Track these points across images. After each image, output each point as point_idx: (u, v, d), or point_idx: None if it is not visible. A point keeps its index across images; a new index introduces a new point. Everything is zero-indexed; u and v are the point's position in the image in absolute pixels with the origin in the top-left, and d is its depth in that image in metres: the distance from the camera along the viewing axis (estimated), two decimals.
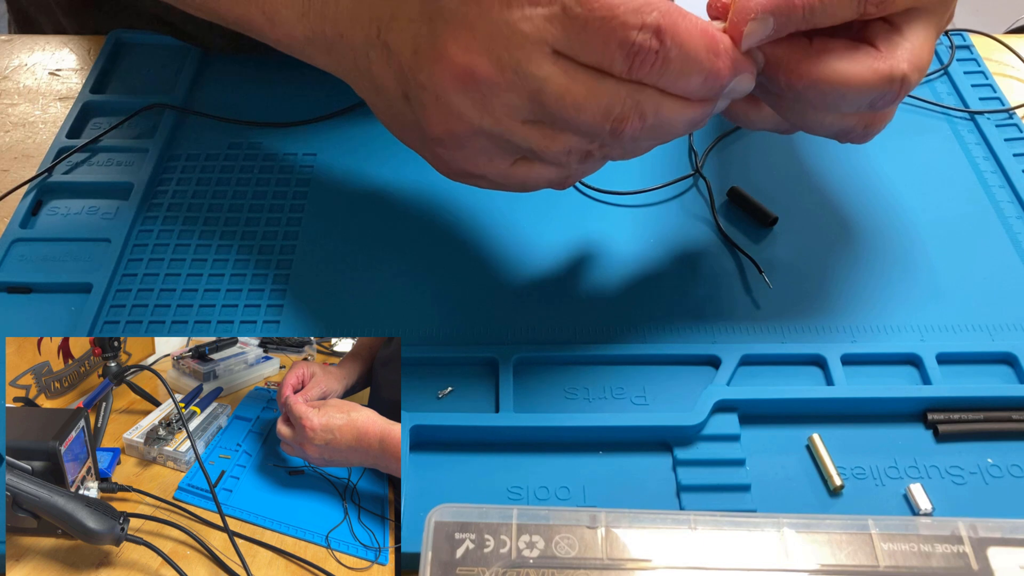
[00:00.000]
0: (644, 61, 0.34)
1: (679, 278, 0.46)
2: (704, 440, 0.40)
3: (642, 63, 0.34)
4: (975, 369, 0.43)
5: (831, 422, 0.41)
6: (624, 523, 0.33)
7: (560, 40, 0.34)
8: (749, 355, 0.42)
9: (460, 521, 0.33)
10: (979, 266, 0.47)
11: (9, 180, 0.52)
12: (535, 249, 0.47)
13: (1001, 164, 0.52)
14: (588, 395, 0.41)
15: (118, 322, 0.44)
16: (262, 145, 0.53)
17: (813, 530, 0.33)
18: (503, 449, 0.39)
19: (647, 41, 0.33)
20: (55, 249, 0.47)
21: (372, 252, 0.47)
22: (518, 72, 0.34)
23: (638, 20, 0.33)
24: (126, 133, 0.54)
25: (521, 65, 0.34)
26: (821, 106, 0.38)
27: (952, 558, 0.32)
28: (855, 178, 0.51)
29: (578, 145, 0.37)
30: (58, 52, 0.61)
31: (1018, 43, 0.60)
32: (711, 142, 0.53)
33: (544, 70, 0.34)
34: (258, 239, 0.48)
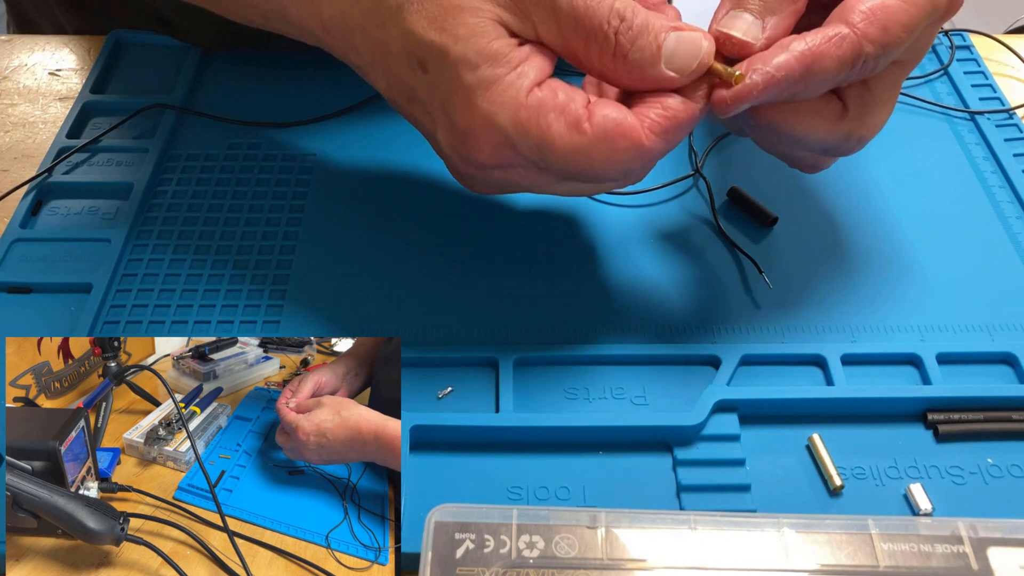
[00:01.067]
0: (635, 179, 0.38)
1: (679, 278, 0.46)
2: (704, 440, 0.40)
3: (635, 178, 0.38)
4: (975, 369, 0.43)
5: (831, 422, 0.41)
6: (624, 523, 0.33)
7: (557, 180, 0.38)
8: (749, 355, 0.42)
9: (460, 521, 0.33)
10: (979, 266, 0.47)
11: (9, 180, 0.52)
12: (535, 249, 0.47)
13: (1001, 164, 0.52)
14: (588, 395, 0.41)
15: (118, 322, 0.44)
16: (262, 145, 0.53)
17: (813, 530, 0.33)
18: (503, 449, 0.39)
19: (636, 174, 0.38)
20: (55, 249, 0.47)
21: (372, 252, 0.47)
22: (529, 189, 0.40)
23: (620, 172, 0.37)
24: (126, 133, 0.54)
25: (529, 188, 0.39)
26: (776, 141, 0.40)
27: (952, 558, 0.32)
28: (855, 178, 0.51)
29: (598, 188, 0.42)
30: (58, 52, 0.61)
31: (1018, 43, 0.60)
32: (711, 142, 0.53)
33: (549, 188, 0.39)
34: (258, 239, 0.48)
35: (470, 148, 0.36)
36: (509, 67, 0.35)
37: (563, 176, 0.37)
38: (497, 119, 0.35)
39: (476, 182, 0.40)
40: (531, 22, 0.36)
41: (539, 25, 0.35)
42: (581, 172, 0.36)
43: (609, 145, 0.35)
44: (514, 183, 0.39)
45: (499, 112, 0.35)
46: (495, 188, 0.40)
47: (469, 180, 0.40)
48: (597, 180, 0.37)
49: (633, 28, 0.35)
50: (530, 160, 0.36)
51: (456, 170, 0.40)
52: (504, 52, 0.35)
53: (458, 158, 0.38)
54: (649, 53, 0.35)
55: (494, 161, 0.37)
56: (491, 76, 0.35)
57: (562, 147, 0.35)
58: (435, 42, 0.35)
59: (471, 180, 0.40)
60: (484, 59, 0.35)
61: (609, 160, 0.36)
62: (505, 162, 0.37)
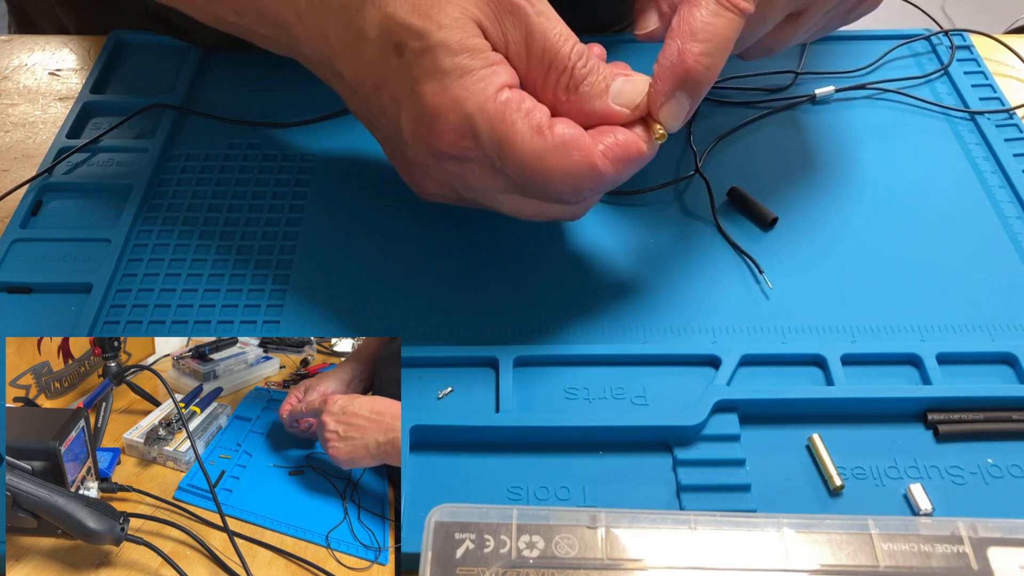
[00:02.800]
0: (583, 200, 0.40)
1: (679, 278, 0.46)
2: (704, 440, 0.40)
3: (583, 200, 0.40)
4: (975, 369, 0.43)
5: (831, 422, 0.41)
6: (624, 523, 0.33)
7: (508, 187, 0.39)
8: (749, 355, 0.42)
9: (460, 521, 0.33)
10: (979, 266, 0.47)
11: (9, 180, 0.52)
12: (535, 249, 0.47)
13: (1001, 164, 0.52)
14: (588, 395, 0.41)
15: (118, 322, 0.44)
16: (262, 145, 0.53)
17: (813, 530, 0.33)
18: (503, 449, 0.39)
19: (585, 193, 0.39)
20: (55, 249, 0.47)
21: (372, 252, 0.47)
22: (475, 201, 0.41)
23: (571, 187, 0.38)
24: (126, 133, 0.54)
25: (476, 198, 0.41)
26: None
27: (952, 558, 0.32)
28: (855, 178, 0.51)
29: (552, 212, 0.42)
30: (58, 52, 0.61)
31: (1018, 43, 0.60)
32: (711, 142, 0.53)
33: (496, 202, 0.41)
34: (258, 239, 0.48)
35: (433, 132, 0.37)
36: (485, 63, 0.37)
37: (514, 181, 0.38)
38: (466, 105, 0.36)
39: (428, 176, 0.41)
40: (504, 36, 0.38)
41: (510, 42, 0.38)
42: (533, 179, 0.37)
43: (565, 156, 0.37)
44: (465, 183, 0.40)
45: (469, 99, 0.36)
46: (445, 187, 0.41)
47: (421, 173, 0.41)
48: (545, 193, 0.39)
49: (587, 66, 0.38)
50: (487, 157, 0.37)
51: (412, 161, 0.40)
52: (481, 49, 0.37)
53: (418, 146, 0.39)
54: (598, 88, 0.38)
55: (453, 150, 0.38)
56: (467, 65, 0.37)
57: (521, 147, 0.37)
58: (416, 26, 0.37)
59: (423, 172, 0.41)
60: (463, 49, 0.37)
61: (563, 171, 0.37)
62: (463, 154, 0.38)
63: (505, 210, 0.41)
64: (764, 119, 0.55)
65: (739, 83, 0.57)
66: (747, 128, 0.54)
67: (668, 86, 0.38)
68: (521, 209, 0.41)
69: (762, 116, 0.55)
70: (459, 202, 0.42)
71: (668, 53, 0.38)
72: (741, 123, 0.54)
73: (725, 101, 0.56)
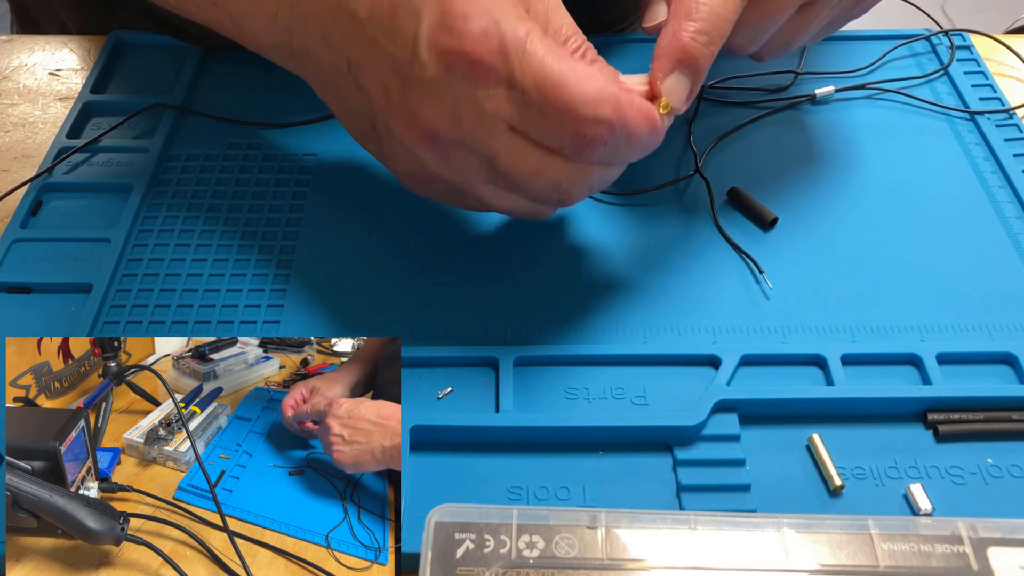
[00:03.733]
0: (593, 151, 0.37)
1: (679, 278, 0.46)
2: (704, 440, 0.40)
3: (591, 152, 0.37)
4: (975, 369, 0.43)
5: (831, 422, 0.41)
6: (624, 523, 0.33)
7: (517, 120, 0.37)
8: (749, 355, 0.42)
9: (460, 521, 0.33)
10: (979, 266, 0.47)
11: (9, 180, 0.52)
12: (535, 249, 0.47)
13: (1001, 164, 0.52)
14: (588, 395, 0.41)
15: (118, 322, 0.44)
16: (262, 145, 0.53)
17: (813, 530, 0.33)
18: (503, 449, 0.39)
19: (599, 134, 0.36)
20: (55, 249, 0.47)
21: (372, 252, 0.47)
22: (476, 140, 0.37)
23: (592, 114, 0.36)
24: (126, 133, 0.54)
25: (479, 135, 0.37)
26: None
27: (952, 558, 0.32)
28: (855, 178, 0.51)
29: (526, 208, 0.41)
30: (58, 52, 0.61)
31: (1018, 43, 0.60)
32: (711, 142, 0.53)
33: (499, 143, 0.37)
34: (258, 239, 0.48)
35: (458, 32, 0.35)
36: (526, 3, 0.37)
37: (527, 107, 0.36)
38: (496, 11, 0.35)
39: (428, 99, 0.37)
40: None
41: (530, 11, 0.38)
42: (552, 98, 0.35)
43: (593, 80, 0.36)
44: (471, 106, 0.37)
45: (501, 7, 0.36)
46: (443, 119, 0.37)
47: (426, 91, 0.37)
48: (552, 129, 0.36)
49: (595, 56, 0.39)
50: (508, 70, 0.35)
51: (415, 77, 0.37)
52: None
53: (435, 49, 0.36)
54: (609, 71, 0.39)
55: (475, 52, 0.35)
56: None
57: (550, 61, 0.35)
58: None
59: (432, 90, 0.37)
60: None
61: (584, 98, 0.35)
62: (484, 59, 0.35)
63: (487, 195, 0.40)
64: (764, 119, 0.55)
65: (739, 83, 0.57)
66: (747, 128, 0.54)
67: (667, 64, 0.38)
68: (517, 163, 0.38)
69: (762, 116, 0.55)
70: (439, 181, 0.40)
71: (666, 32, 0.38)
72: (741, 123, 0.54)
73: (725, 101, 0.56)
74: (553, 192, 0.39)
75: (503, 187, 0.39)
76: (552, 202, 0.41)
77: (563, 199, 0.40)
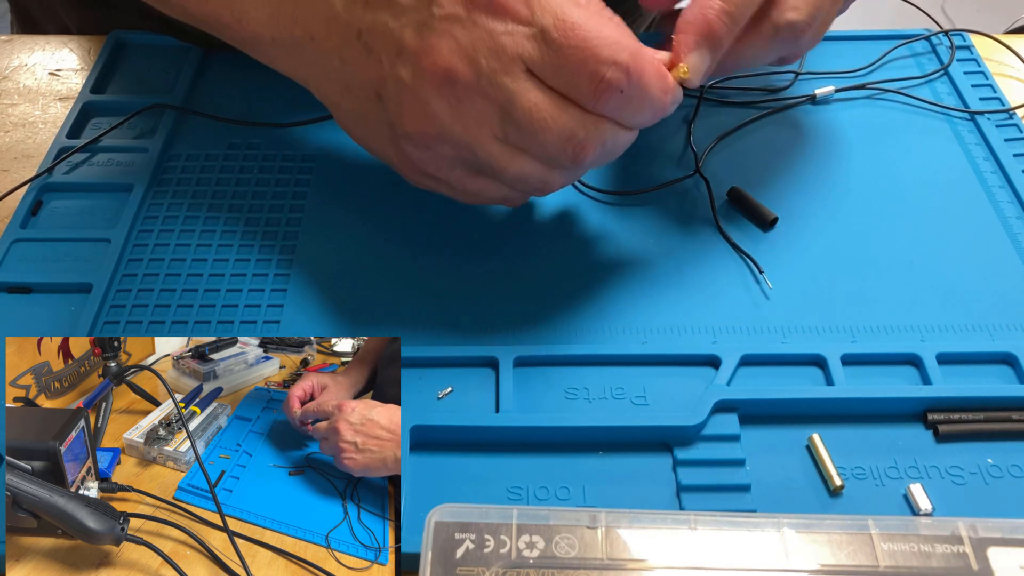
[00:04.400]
0: (609, 97, 0.37)
1: (679, 278, 0.46)
2: (704, 440, 0.40)
3: (607, 98, 0.37)
4: (975, 369, 0.43)
5: (831, 422, 0.41)
6: (624, 523, 0.33)
7: (535, 60, 0.36)
8: (749, 355, 0.42)
9: (460, 521, 0.33)
10: (979, 266, 0.47)
11: (9, 180, 0.52)
12: (536, 249, 0.47)
13: (1001, 164, 0.52)
14: (588, 395, 0.41)
15: (118, 322, 0.44)
16: (262, 145, 0.53)
17: (813, 530, 0.33)
18: (503, 449, 0.39)
19: (615, 78, 0.36)
20: (55, 249, 0.47)
21: (372, 252, 0.47)
22: (492, 82, 0.37)
23: (610, 56, 0.36)
24: (126, 133, 0.54)
25: (496, 75, 0.36)
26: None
27: (952, 558, 0.32)
28: (855, 178, 0.51)
29: (534, 171, 0.39)
30: (58, 52, 0.61)
31: (1018, 43, 0.60)
32: (711, 142, 0.53)
33: (516, 84, 0.37)
34: (258, 239, 0.48)
35: None
36: None
37: (543, 44, 0.36)
38: None
39: (445, 38, 0.37)
40: None
41: None
42: (572, 36, 0.36)
43: (614, 31, 0.36)
44: (489, 43, 0.36)
45: None
46: (460, 58, 0.37)
47: (444, 29, 0.37)
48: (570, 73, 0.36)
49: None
50: (529, 8, 0.36)
51: (433, 17, 0.37)
52: None
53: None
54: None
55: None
56: None
57: (573, 5, 0.36)
58: None
59: (450, 28, 0.37)
60: None
61: (604, 40, 0.36)
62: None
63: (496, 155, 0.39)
64: (764, 119, 0.55)
65: (739, 83, 0.57)
66: (747, 128, 0.54)
67: (691, 39, 0.39)
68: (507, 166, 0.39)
69: (762, 116, 0.55)
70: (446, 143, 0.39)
71: (692, 8, 0.39)
72: (741, 123, 0.54)
73: (725, 101, 0.56)
74: (567, 146, 0.38)
75: (514, 143, 0.38)
76: (562, 164, 0.39)
77: (575, 157, 0.38)
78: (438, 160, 0.40)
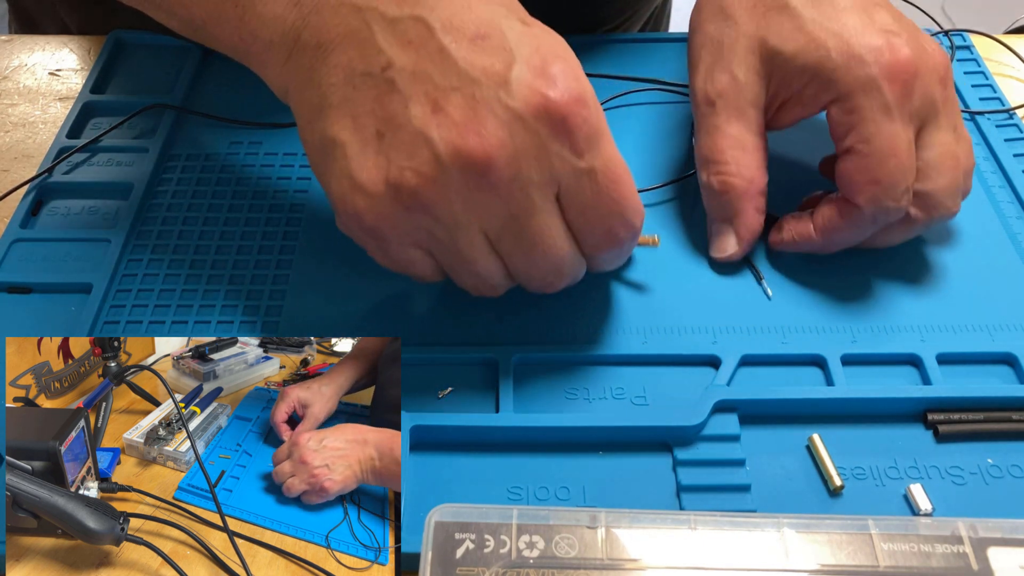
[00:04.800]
0: (608, 251, 0.39)
1: (679, 278, 0.46)
2: (704, 440, 0.40)
3: (605, 252, 0.39)
4: (975, 369, 0.43)
5: (831, 422, 0.41)
6: (624, 523, 0.33)
7: (570, 191, 0.37)
8: (749, 355, 0.42)
9: (460, 521, 0.33)
10: (979, 266, 0.47)
11: (9, 180, 0.52)
12: None
13: (1001, 164, 0.52)
14: (588, 395, 0.41)
15: (118, 322, 0.44)
16: (262, 145, 0.53)
17: (813, 530, 0.33)
18: (503, 449, 0.39)
19: (624, 237, 0.39)
20: (55, 249, 0.47)
21: None
22: (524, 190, 0.36)
23: (631, 218, 0.38)
24: (126, 133, 0.54)
25: (530, 186, 0.36)
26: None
27: (952, 558, 0.32)
28: None
29: (497, 277, 0.40)
30: (58, 52, 0.61)
31: (1018, 43, 0.60)
32: None
33: (542, 203, 0.37)
34: (258, 239, 0.48)
35: (561, 83, 0.36)
36: None
37: (585, 180, 0.37)
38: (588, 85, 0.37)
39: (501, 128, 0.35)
40: None
41: None
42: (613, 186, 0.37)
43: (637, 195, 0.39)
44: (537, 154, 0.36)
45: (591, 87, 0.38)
46: (504, 151, 0.35)
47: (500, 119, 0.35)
48: (600, 210, 0.37)
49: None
50: (588, 144, 0.36)
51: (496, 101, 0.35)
52: None
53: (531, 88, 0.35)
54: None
55: (571, 111, 0.36)
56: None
57: (621, 159, 0.38)
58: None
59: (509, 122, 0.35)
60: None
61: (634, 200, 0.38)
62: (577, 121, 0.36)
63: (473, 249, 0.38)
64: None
65: None
66: None
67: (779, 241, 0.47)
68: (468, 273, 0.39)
69: None
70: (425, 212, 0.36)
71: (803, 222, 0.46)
72: None
73: None
74: (547, 275, 0.39)
75: (501, 248, 0.38)
76: (528, 281, 0.40)
77: (545, 284, 0.40)
78: (403, 222, 0.37)
